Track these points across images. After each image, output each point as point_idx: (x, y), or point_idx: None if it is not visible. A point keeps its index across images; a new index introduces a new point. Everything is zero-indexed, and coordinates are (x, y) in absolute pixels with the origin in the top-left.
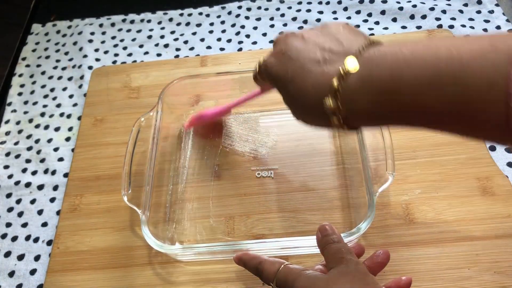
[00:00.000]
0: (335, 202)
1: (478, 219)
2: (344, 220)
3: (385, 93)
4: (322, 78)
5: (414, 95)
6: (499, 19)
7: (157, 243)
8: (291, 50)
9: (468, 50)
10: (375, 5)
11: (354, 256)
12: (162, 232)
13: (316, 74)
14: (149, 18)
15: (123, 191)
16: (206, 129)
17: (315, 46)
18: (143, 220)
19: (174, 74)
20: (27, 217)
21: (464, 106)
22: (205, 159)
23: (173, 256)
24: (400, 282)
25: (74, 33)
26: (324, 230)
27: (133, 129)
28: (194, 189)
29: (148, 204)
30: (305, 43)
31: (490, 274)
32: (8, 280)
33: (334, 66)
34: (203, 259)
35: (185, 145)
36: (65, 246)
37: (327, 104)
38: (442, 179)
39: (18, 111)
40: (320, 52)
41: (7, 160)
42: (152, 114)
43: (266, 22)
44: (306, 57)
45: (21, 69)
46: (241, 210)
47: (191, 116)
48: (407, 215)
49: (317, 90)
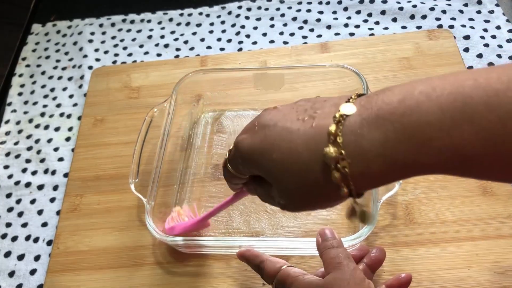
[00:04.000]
0: (340, 208)
1: (478, 219)
2: (348, 226)
3: (399, 122)
4: (314, 131)
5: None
6: (499, 19)
7: (159, 233)
8: (264, 119)
9: (495, 77)
10: (375, 5)
11: (352, 262)
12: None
13: (305, 130)
14: (149, 18)
15: (130, 179)
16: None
17: (292, 110)
18: (147, 209)
19: (174, 74)
20: (27, 217)
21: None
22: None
23: (174, 247)
24: (400, 279)
25: (74, 33)
26: (323, 234)
27: (146, 118)
28: (201, 187)
29: (154, 193)
30: (279, 110)
31: (490, 274)
32: (8, 280)
33: (324, 118)
34: (204, 252)
35: (195, 136)
36: (65, 246)
37: (328, 153)
38: (442, 179)
39: (18, 111)
40: (302, 113)
41: (7, 160)
42: (166, 105)
43: (266, 22)
44: (286, 119)
45: (21, 69)
46: (244, 207)
47: (165, 227)
48: (407, 215)
49: (310, 146)
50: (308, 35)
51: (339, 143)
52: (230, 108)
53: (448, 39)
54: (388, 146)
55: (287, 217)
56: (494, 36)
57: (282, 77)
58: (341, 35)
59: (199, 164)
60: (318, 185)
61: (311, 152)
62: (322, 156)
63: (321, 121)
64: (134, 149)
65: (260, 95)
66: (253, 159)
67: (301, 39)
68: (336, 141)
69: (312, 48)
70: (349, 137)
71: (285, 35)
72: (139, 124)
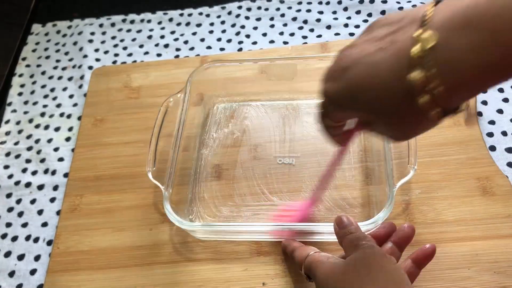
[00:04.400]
0: (356, 199)
1: (478, 219)
2: (363, 216)
3: (490, 22)
4: (396, 58)
5: None
6: None
7: (178, 219)
8: (345, 61)
9: None
10: (375, 5)
11: (372, 241)
12: (182, 211)
13: (386, 60)
14: (149, 18)
15: (148, 168)
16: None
17: (368, 42)
18: (165, 196)
19: (174, 74)
20: (27, 217)
21: None
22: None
23: (192, 233)
24: (425, 250)
25: (74, 33)
26: (340, 222)
27: (160, 108)
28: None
29: (172, 180)
30: (355, 47)
31: (490, 274)
32: (8, 280)
33: (404, 41)
34: (221, 239)
35: (211, 124)
36: (65, 246)
37: (413, 78)
38: (442, 179)
39: (18, 111)
40: (379, 41)
41: (7, 160)
42: (179, 96)
43: (266, 22)
44: (365, 54)
45: (21, 69)
46: (260, 191)
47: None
48: (407, 215)
49: (396, 74)
50: (308, 35)
51: (423, 64)
52: (243, 99)
53: None
54: (478, 51)
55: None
56: None
57: (294, 67)
58: (341, 35)
59: (213, 155)
60: (414, 111)
61: (399, 80)
62: (409, 82)
63: (401, 44)
64: (151, 138)
65: (272, 85)
66: (345, 102)
67: (301, 39)
68: (421, 62)
69: (312, 48)
70: (434, 54)
71: (285, 35)
72: (139, 124)
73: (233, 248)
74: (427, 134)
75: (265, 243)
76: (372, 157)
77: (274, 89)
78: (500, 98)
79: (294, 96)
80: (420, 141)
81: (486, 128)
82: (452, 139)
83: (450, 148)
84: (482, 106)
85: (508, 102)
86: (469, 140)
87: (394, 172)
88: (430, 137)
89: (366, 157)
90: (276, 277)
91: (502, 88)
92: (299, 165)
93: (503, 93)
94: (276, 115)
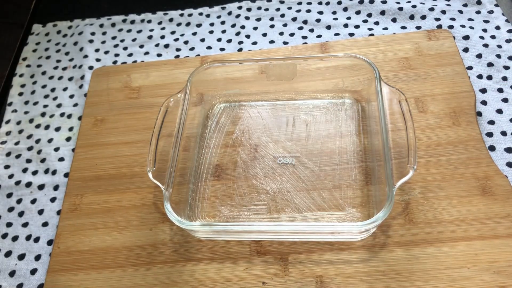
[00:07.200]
0: (356, 199)
1: (477, 219)
2: (362, 215)
3: None
4: None
5: None
6: (498, 20)
7: (178, 219)
8: None
9: None
10: (375, 6)
11: None
12: (182, 211)
13: None
14: (149, 19)
15: (148, 167)
16: None
17: None
18: (165, 196)
19: (174, 74)
20: (28, 217)
21: None
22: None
23: (192, 233)
24: None
25: (75, 33)
26: None
27: (160, 108)
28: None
29: (172, 180)
30: None
31: (489, 274)
32: (8, 280)
33: None
34: (221, 239)
35: (211, 124)
36: (65, 246)
37: None
38: (441, 179)
39: (18, 111)
40: None
41: (8, 160)
42: (180, 96)
43: (266, 23)
44: None
45: (22, 69)
46: (260, 191)
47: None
48: (406, 215)
49: None
50: (308, 35)
51: None
52: (243, 99)
53: (447, 39)
54: None
55: (303, 196)
56: (493, 36)
57: (294, 67)
58: (341, 35)
59: (213, 154)
60: None
61: None
62: None
63: None
64: (151, 138)
65: (272, 85)
66: None
67: (301, 39)
68: None
69: (312, 48)
70: None
71: (285, 35)
72: (139, 124)
73: (233, 248)
74: (427, 134)
75: (265, 243)
76: (372, 157)
77: (274, 89)
78: (500, 98)
79: (294, 96)
80: (420, 141)
81: (485, 128)
82: (452, 139)
83: (449, 148)
84: (482, 106)
85: (508, 102)
86: (468, 140)
87: (394, 172)
88: (430, 137)
89: (366, 157)
90: (276, 277)
91: (502, 88)
92: (299, 165)
93: (503, 93)
94: (276, 115)
